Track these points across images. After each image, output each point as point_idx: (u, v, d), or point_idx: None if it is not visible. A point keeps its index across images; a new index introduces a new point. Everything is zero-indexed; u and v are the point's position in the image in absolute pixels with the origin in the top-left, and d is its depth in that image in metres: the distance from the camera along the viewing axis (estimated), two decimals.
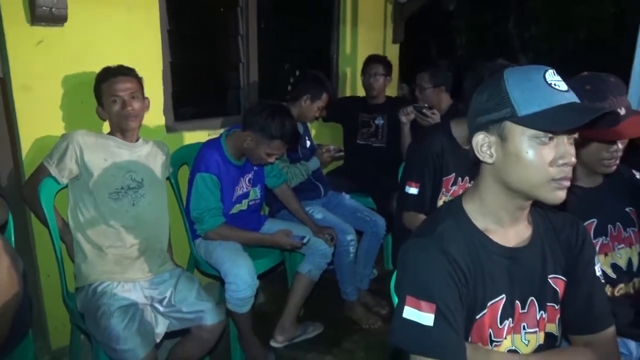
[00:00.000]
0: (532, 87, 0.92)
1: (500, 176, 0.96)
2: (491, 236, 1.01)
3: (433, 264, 0.94)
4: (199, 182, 2.04)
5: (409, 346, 0.94)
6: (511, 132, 0.93)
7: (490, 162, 0.96)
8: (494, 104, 0.94)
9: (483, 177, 1.01)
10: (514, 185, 0.96)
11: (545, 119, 0.90)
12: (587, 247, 1.07)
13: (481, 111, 0.96)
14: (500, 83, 0.94)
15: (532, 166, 0.92)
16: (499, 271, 1.00)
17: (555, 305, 1.06)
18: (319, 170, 2.74)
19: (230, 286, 1.97)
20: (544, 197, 0.95)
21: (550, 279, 1.04)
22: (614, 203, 1.44)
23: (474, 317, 0.99)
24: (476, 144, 0.97)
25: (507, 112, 0.92)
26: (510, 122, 0.92)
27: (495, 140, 0.95)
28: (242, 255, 2.05)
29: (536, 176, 0.93)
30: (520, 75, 0.94)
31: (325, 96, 2.64)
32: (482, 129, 0.96)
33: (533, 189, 0.94)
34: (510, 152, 0.93)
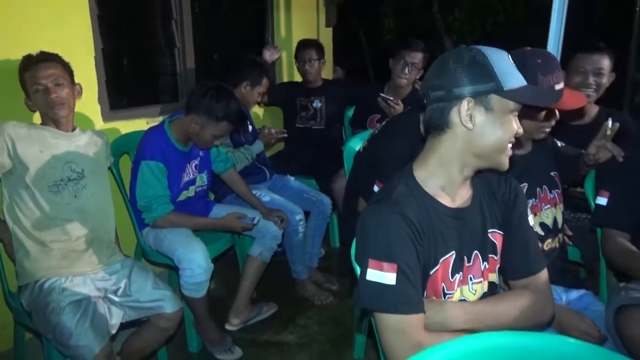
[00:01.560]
0: (508, 67, 1.03)
1: (473, 142, 1.04)
2: (439, 199, 1.10)
3: (392, 226, 1.02)
4: (145, 170, 2.00)
5: (374, 306, 1.02)
6: (496, 103, 1.02)
7: (471, 127, 1.03)
8: (479, 76, 1.01)
9: (448, 145, 1.07)
10: (486, 149, 1.05)
11: (527, 96, 1.03)
12: (519, 200, 1.19)
13: (465, 82, 1.01)
14: (481, 57, 1.01)
15: (506, 135, 1.04)
16: (448, 230, 1.09)
17: (495, 256, 1.17)
18: (263, 154, 2.77)
19: (185, 272, 1.96)
20: (501, 162, 1.07)
21: (489, 233, 1.16)
22: (540, 168, 1.60)
23: (428, 273, 1.08)
24: (463, 110, 1.02)
25: (493, 86, 1.00)
26: (495, 95, 1.01)
27: (480, 109, 1.02)
28: (195, 239, 2.04)
29: (504, 143, 1.05)
30: (497, 54, 1.03)
31: (265, 81, 2.65)
32: (465, 97, 1.02)
33: (497, 154, 1.05)
34: (492, 120, 1.03)
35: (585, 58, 2.08)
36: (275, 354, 2.20)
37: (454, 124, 1.04)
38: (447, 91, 1.03)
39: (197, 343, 2.21)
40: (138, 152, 2.07)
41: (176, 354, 2.16)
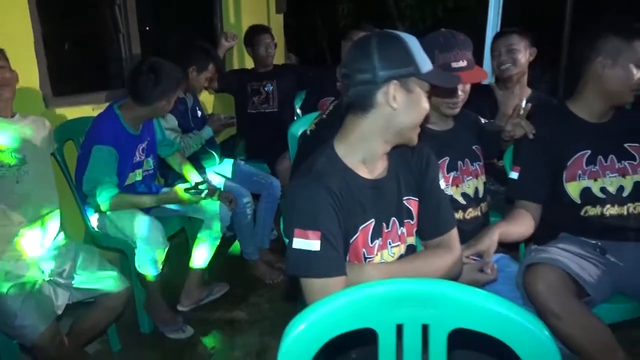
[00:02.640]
0: (421, 51, 1.13)
1: (395, 120, 1.14)
2: (358, 172, 1.19)
3: (315, 197, 1.09)
4: (97, 154, 2.01)
5: (302, 271, 1.09)
6: (415, 85, 1.12)
7: (394, 107, 1.12)
8: (401, 61, 1.10)
9: (370, 123, 1.15)
10: (405, 127, 1.15)
11: (439, 77, 1.14)
12: (431, 167, 1.30)
13: (389, 66, 1.10)
14: (403, 43, 1.10)
15: (421, 114, 1.15)
16: (367, 200, 1.19)
17: (411, 221, 1.28)
18: (213, 139, 2.81)
19: (140, 247, 2.03)
20: (413, 138, 1.18)
21: (405, 200, 1.26)
22: (462, 142, 1.72)
23: (349, 240, 1.17)
24: (389, 92, 1.11)
25: (413, 70, 1.10)
26: (414, 77, 1.11)
27: (402, 91, 1.12)
28: (149, 217, 2.10)
29: (418, 121, 1.16)
30: (413, 40, 1.13)
31: (212, 67, 2.69)
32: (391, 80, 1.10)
33: (411, 131, 1.16)
34: (412, 101, 1.13)
35: (498, 41, 2.36)
36: (226, 332, 2.28)
37: (379, 105, 1.12)
38: (373, 75, 1.10)
39: (149, 324, 2.26)
40: (89, 136, 2.08)
41: (128, 336, 2.20)
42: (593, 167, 1.65)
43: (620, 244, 1.63)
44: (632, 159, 1.66)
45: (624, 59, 1.56)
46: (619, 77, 1.58)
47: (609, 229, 1.64)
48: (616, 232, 1.64)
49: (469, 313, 0.84)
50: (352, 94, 1.14)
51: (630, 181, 1.65)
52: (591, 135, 1.66)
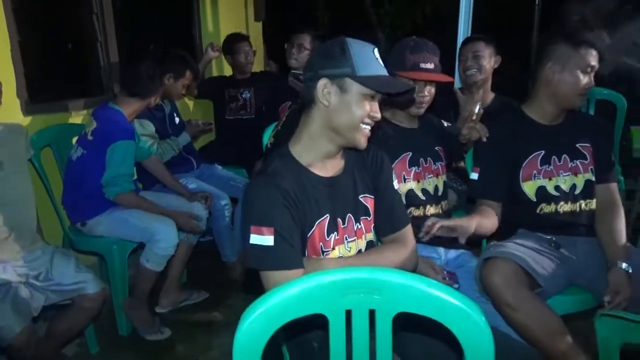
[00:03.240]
0: (368, 57, 1.21)
1: (331, 118, 1.21)
2: (313, 170, 1.26)
3: (268, 196, 1.17)
4: (122, 149, 2.15)
5: (258, 265, 1.16)
6: (350, 86, 1.19)
7: (327, 104, 1.20)
8: (338, 61, 1.18)
9: (314, 121, 1.24)
10: (339, 126, 1.22)
11: (375, 82, 1.20)
12: (385, 168, 1.38)
13: (325, 65, 1.19)
14: (344, 46, 1.19)
15: (357, 114, 1.21)
16: (322, 196, 1.26)
17: (368, 217, 1.35)
18: (190, 145, 2.86)
19: (160, 243, 2.15)
20: (356, 140, 1.24)
21: (361, 197, 1.33)
22: (426, 142, 1.81)
23: (306, 235, 1.24)
24: (320, 88, 1.19)
25: (348, 71, 1.18)
26: (349, 79, 1.18)
27: (336, 89, 1.19)
28: (164, 216, 2.22)
29: (356, 123, 1.21)
30: (360, 46, 1.21)
31: (188, 74, 2.74)
32: (324, 77, 1.19)
33: (351, 132, 1.22)
34: (345, 101, 1.20)
35: (464, 47, 2.49)
36: (203, 333, 2.32)
37: (317, 101, 1.21)
38: (314, 72, 1.20)
39: (127, 326, 2.29)
40: (108, 133, 2.17)
41: (106, 338, 2.24)
42: (547, 166, 1.75)
43: (574, 238, 1.73)
44: (584, 158, 1.76)
45: (572, 66, 1.67)
46: (567, 82, 1.68)
47: (563, 225, 1.74)
48: (569, 228, 1.74)
49: (411, 298, 0.91)
50: (302, 91, 1.24)
51: (582, 179, 1.75)
52: (545, 137, 1.76)
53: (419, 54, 1.64)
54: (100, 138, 2.17)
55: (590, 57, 1.67)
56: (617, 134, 3.26)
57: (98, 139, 2.18)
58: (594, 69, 1.69)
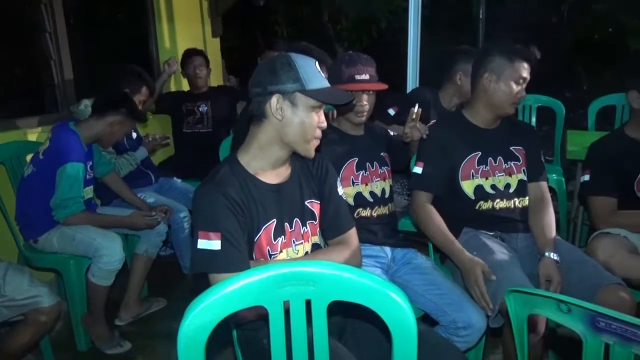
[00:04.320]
0: (313, 71, 1.29)
1: (283, 131, 1.29)
2: (261, 177, 1.34)
3: (215, 202, 1.23)
4: (70, 171, 2.14)
5: (206, 269, 1.22)
6: (300, 100, 1.27)
7: (280, 119, 1.28)
8: (287, 77, 1.26)
9: (265, 132, 1.31)
10: (292, 138, 1.30)
11: (325, 95, 1.29)
12: (330, 175, 1.47)
13: (276, 81, 1.26)
14: (290, 62, 1.26)
15: (309, 126, 1.29)
16: (269, 202, 1.33)
17: (314, 221, 1.43)
18: (148, 159, 2.90)
19: (103, 258, 2.14)
20: (307, 150, 1.32)
21: (307, 203, 1.42)
22: (372, 148, 1.93)
23: (254, 239, 1.31)
24: (273, 104, 1.26)
25: (298, 86, 1.26)
26: (299, 93, 1.26)
27: (287, 104, 1.27)
28: (109, 232, 2.24)
29: (309, 134, 1.30)
30: (303, 61, 1.29)
31: (144, 90, 2.79)
32: (275, 93, 1.26)
33: (302, 143, 1.31)
34: (297, 114, 1.28)
35: None
36: (163, 344, 2.34)
37: (268, 115, 1.28)
38: (263, 88, 1.27)
39: (86, 342, 2.29)
40: (58, 154, 2.17)
41: (64, 354, 2.23)
42: (484, 167, 1.88)
43: (514, 234, 1.87)
44: (517, 160, 1.91)
45: (506, 77, 1.80)
46: (502, 91, 1.82)
47: (501, 221, 1.87)
48: (508, 224, 1.87)
49: (342, 287, 1.00)
50: (251, 106, 1.31)
51: (515, 179, 1.89)
52: (482, 140, 1.89)
53: (353, 67, 1.76)
54: (51, 158, 2.18)
55: (523, 70, 1.80)
56: (557, 138, 3.49)
57: (48, 159, 2.19)
58: (526, 81, 1.83)
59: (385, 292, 0.98)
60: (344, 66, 1.77)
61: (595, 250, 1.73)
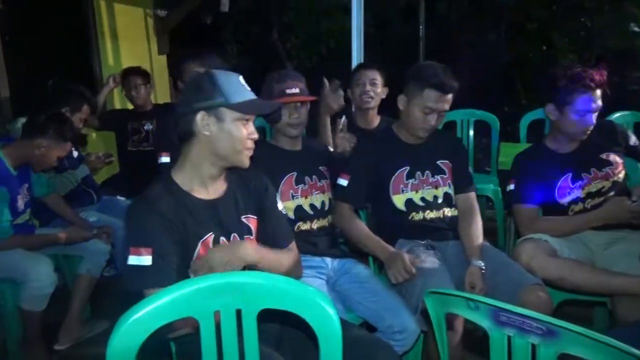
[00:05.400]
0: (236, 85, 1.34)
1: (213, 145, 1.33)
2: (195, 194, 1.37)
3: (146, 219, 1.26)
4: None
5: (137, 284, 1.23)
6: (225, 114, 1.32)
7: (208, 134, 1.32)
8: (210, 93, 1.30)
9: (196, 149, 1.35)
10: (223, 152, 1.34)
11: (249, 107, 1.33)
12: (270, 191, 1.53)
13: (199, 98, 1.31)
14: (213, 79, 1.31)
15: (237, 139, 1.34)
16: (204, 218, 1.36)
17: (251, 236, 1.47)
18: (89, 177, 2.85)
19: (32, 284, 2.07)
20: (240, 162, 1.37)
21: (243, 218, 1.46)
22: (310, 162, 1.99)
23: (192, 254, 1.34)
24: (199, 121, 1.30)
25: (222, 101, 1.30)
26: (224, 108, 1.31)
27: (213, 119, 1.31)
28: (37, 254, 2.17)
29: (239, 146, 1.35)
30: (226, 76, 1.34)
31: (86, 108, 2.76)
32: (200, 110, 1.31)
33: (235, 154, 1.36)
34: (224, 128, 1.32)
35: (361, 73, 2.66)
36: None
37: (197, 133, 1.33)
38: (189, 106, 1.32)
39: None
40: None
41: None
42: (413, 180, 1.98)
43: (444, 242, 1.97)
44: (443, 173, 2.02)
45: (414, 103, 1.89)
46: (410, 115, 1.92)
47: (432, 230, 1.97)
48: (438, 233, 1.98)
49: (271, 296, 1.05)
50: (179, 124, 1.35)
51: (441, 191, 2.00)
52: (409, 154, 1.99)
53: (284, 82, 1.85)
54: None
55: (430, 101, 1.84)
56: (493, 150, 3.70)
57: None
58: (435, 111, 1.87)
59: (312, 299, 1.03)
60: (275, 83, 1.86)
61: (519, 254, 1.85)
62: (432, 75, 1.84)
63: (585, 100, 1.89)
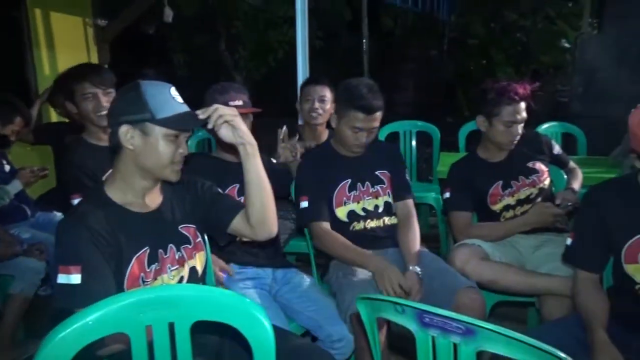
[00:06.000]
0: (164, 99, 1.31)
1: (139, 160, 1.31)
2: (130, 207, 1.35)
3: (76, 236, 1.22)
4: None
5: (66, 303, 1.19)
6: (152, 129, 1.29)
7: (132, 149, 1.30)
8: (136, 107, 1.27)
9: (124, 163, 1.33)
10: (148, 166, 1.32)
11: (176, 122, 1.30)
12: (200, 185, 1.51)
13: (125, 111, 1.28)
14: (139, 92, 1.28)
15: (164, 154, 1.31)
16: (139, 232, 1.34)
17: (189, 245, 1.46)
18: (23, 192, 2.72)
19: None
20: (167, 176, 1.36)
21: (181, 228, 1.45)
22: None
23: (125, 270, 1.30)
24: (123, 135, 1.28)
25: (147, 115, 1.28)
26: (149, 123, 1.28)
27: (138, 133, 1.29)
28: None
29: (165, 161, 1.32)
30: (154, 89, 1.31)
31: (19, 120, 2.65)
32: (124, 123, 1.28)
33: (161, 169, 1.33)
34: (150, 143, 1.30)
35: (311, 88, 2.62)
36: None
37: (123, 146, 1.30)
38: (114, 119, 1.30)
39: None
40: None
41: None
42: (355, 192, 2.03)
43: (384, 250, 2.03)
44: (382, 183, 2.08)
45: (343, 121, 1.95)
46: (343, 132, 1.97)
47: (373, 239, 2.03)
48: (378, 241, 2.03)
49: (204, 308, 1.05)
50: (109, 137, 1.33)
51: (382, 201, 2.06)
52: (349, 167, 2.04)
53: (226, 94, 1.85)
54: None
55: (357, 121, 1.88)
56: (434, 160, 3.84)
57: None
58: (364, 129, 1.91)
59: (245, 309, 1.04)
60: (217, 95, 1.85)
61: (453, 259, 1.94)
62: (357, 97, 1.88)
63: (510, 112, 2.02)
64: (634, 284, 1.48)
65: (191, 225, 1.48)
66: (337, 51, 7.32)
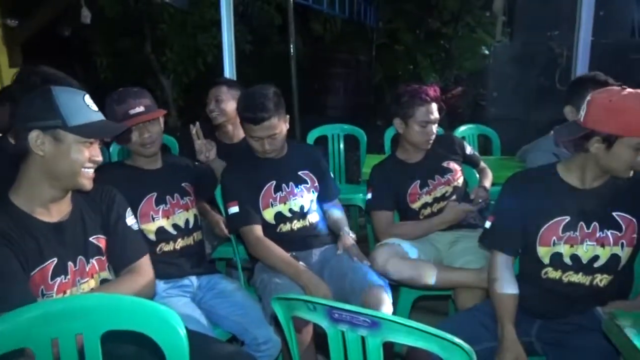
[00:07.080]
0: (77, 106, 1.28)
1: (49, 167, 1.26)
2: (37, 216, 1.29)
3: None
4: None
5: None
6: (65, 135, 1.25)
7: (42, 155, 1.24)
8: (47, 113, 1.23)
9: (30, 170, 1.27)
10: (59, 174, 1.28)
11: (89, 131, 1.27)
12: (117, 204, 1.48)
13: (34, 117, 1.23)
14: (51, 97, 1.24)
15: (76, 161, 1.27)
16: (47, 242, 1.29)
17: (101, 257, 1.42)
18: None
19: None
20: (80, 184, 1.31)
21: (92, 239, 1.40)
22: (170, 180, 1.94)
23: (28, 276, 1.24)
24: (32, 140, 1.22)
25: (59, 122, 1.23)
26: (61, 129, 1.24)
27: (49, 139, 1.24)
28: None
29: (77, 168, 1.28)
30: (67, 95, 1.27)
31: None
32: (35, 130, 1.23)
33: (72, 177, 1.29)
34: (62, 150, 1.25)
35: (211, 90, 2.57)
36: None
37: (31, 152, 1.25)
38: (22, 123, 1.24)
39: None
40: None
41: None
42: (281, 193, 2.04)
43: (309, 251, 2.06)
44: (306, 182, 2.12)
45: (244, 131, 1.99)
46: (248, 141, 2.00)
47: (298, 240, 2.06)
48: (303, 242, 2.07)
49: (113, 316, 1.03)
50: (15, 143, 1.27)
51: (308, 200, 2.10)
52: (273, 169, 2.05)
53: (125, 103, 1.75)
54: None
55: (251, 131, 1.92)
56: (362, 162, 3.94)
57: None
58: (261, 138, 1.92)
59: (155, 315, 1.03)
60: (115, 105, 1.75)
61: (375, 258, 2.01)
62: (243, 109, 1.92)
63: (423, 112, 2.14)
64: (542, 268, 1.59)
65: (102, 236, 1.44)
66: (267, 56, 7.34)
